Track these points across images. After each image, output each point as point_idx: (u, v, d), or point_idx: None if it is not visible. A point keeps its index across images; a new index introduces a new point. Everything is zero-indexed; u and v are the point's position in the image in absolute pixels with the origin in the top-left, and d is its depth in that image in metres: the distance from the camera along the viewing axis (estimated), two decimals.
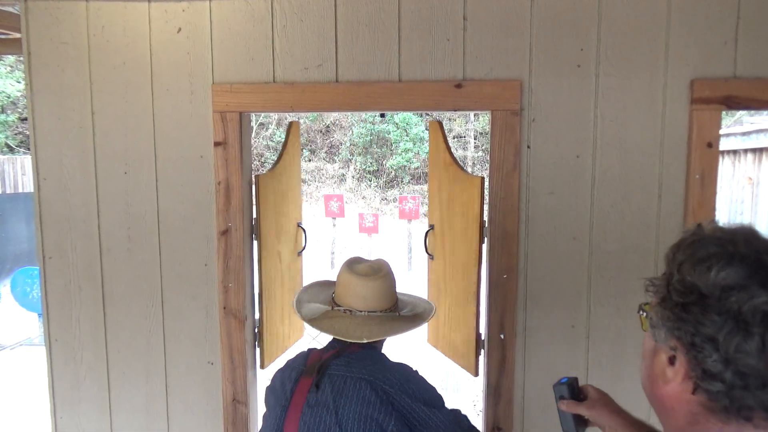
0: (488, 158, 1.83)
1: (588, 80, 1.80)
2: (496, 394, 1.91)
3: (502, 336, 1.88)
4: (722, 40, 1.76)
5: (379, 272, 1.53)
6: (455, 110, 1.85)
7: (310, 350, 1.51)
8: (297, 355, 1.51)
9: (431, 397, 1.38)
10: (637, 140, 1.81)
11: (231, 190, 1.89)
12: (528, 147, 1.83)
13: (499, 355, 1.89)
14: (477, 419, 2.47)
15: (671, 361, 0.72)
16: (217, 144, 1.88)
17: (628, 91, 1.80)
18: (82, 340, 2.03)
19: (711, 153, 1.81)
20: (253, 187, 1.99)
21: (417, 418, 1.32)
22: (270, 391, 1.48)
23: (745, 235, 0.70)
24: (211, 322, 1.97)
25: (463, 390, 4.46)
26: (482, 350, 1.97)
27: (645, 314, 0.80)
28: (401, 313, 1.54)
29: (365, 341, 1.40)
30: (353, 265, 1.55)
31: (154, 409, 2.03)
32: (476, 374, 2.03)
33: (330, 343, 1.48)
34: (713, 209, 1.84)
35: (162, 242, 1.96)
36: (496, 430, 1.92)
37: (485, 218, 1.91)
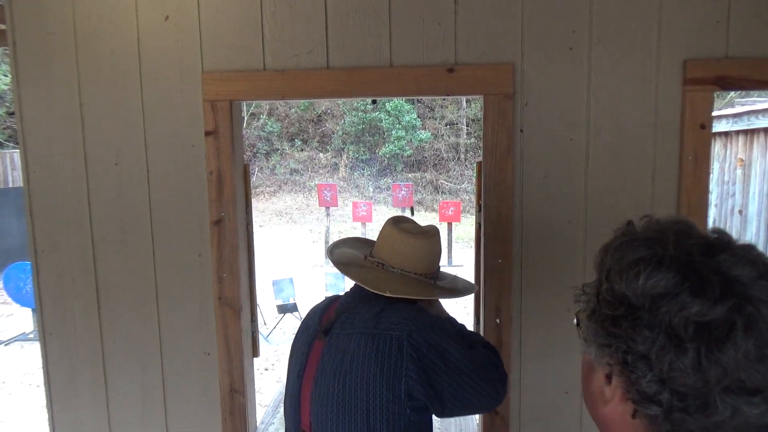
0: (481, 145, 1.82)
1: (580, 62, 1.79)
2: None
3: (497, 320, 1.89)
4: (714, 20, 1.75)
5: (426, 234, 1.41)
6: (448, 95, 1.84)
7: (333, 299, 1.42)
8: (320, 304, 1.42)
9: (454, 336, 1.26)
10: (631, 122, 1.80)
11: (223, 179, 1.88)
12: (521, 131, 1.83)
13: (494, 339, 1.90)
14: None
15: (608, 378, 0.64)
16: (208, 133, 1.86)
17: (620, 73, 1.79)
18: (76, 333, 2.02)
19: (704, 134, 1.81)
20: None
21: (439, 366, 1.19)
22: (291, 350, 1.41)
23: (677, 232, 0.62)
24: (207, 312, 1.96)
25: None
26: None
27: (579, 326, 0.70)
28: (437, 283, 1.44)
29: (387, 294, 1.28)
30: (399, 221, 1.45)
31: (151, 400, 2.03)
32: None
33: (347, 297, 1.39)
34: (706, 190, 1.84)
35: (155, 233, 1.94)
36: (493, 414, 1.93)
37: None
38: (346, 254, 1.49)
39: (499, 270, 1.87)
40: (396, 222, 1.44)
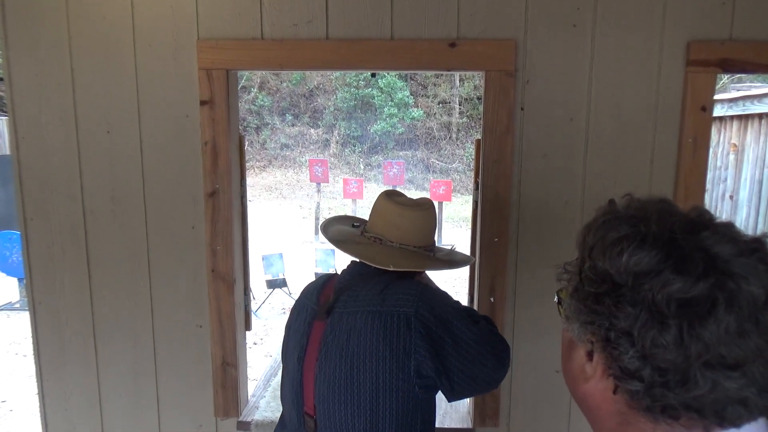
0: (473, 125, 1.79)
1: (584, 41, 1.77)
2: None
3: (492, 299, 1.89)
4: (720, 1, 1.73)
5: (421, 206, 1.40)
6: (449, 70, 1.81)
7: (330, 277, 1.40)
8: (315, 282, 1.40)
9: (459, 311, 1.25)
10: (632, 103, 1.79)
11: (218, 150, 1.84)
12: (522, 109, 1.81)
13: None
14: None
15: (590, 355, 0.65)
16: (203, 103, 1.82)
17: (623, 53, 1.77)
18: (66, 303, 1.99)
19: (705, 117, 1.80)
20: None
21: (446, 341, 1.19)
22: (287, 330, 1.39)
23: (659, 211, 0.62)
24: (200, 285, 1.94)
25: None
26: None
27: (561, 304, 0.71)
28: (435, 255, 1.43)
29: (391, 269, 1.27)
30: (393, 195, 1.43)
31: (143, 372, 2.02)
32: None
33: (345, 275, 1.36)
34: (704, 174, 1.84)
35: (147, 204, 1.91)
36: None
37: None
38: (342, 231, 1.46)
39: (495, 248, 1.86)
40: (390, 195, 1.42)
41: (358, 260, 1.36)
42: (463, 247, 2.00)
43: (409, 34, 1.78)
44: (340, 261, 7.46)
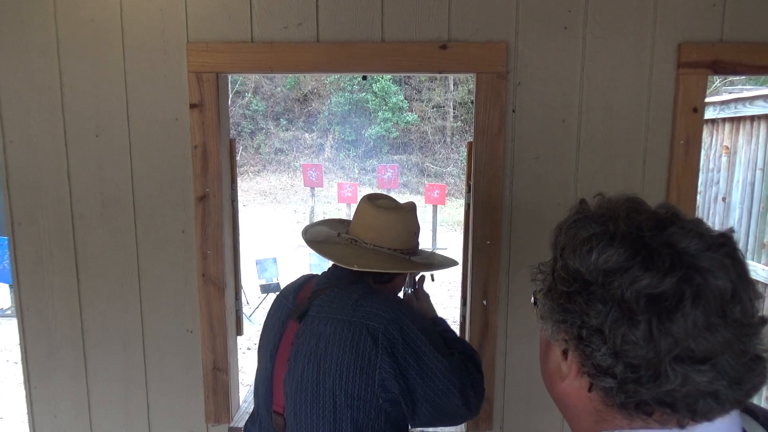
0: (467, 129, 1.79)
1: (575, 43, 1.77)
2: None
3: (484, 302, 1.88)
4: (711, 3, 1.73)
5: (400, 209, 1.39)
6: (440, 72, 1.80)
7: (307, 279, 1.40)
8: (294, 283, 1.40)
9: (432, 338, 1.22)
10: (623, 104, 1.79)
11: (208, 154, 1.83)
12: (513, 111, 1.80)
13: (481, 320, 1.89)
14: None
15: (565, 354, 0.65)
16: (192, 106, 1.81)
17: (615, 55, 1.77)
18: (55, 308, 1.97)
19: (696, 118, 1.80)
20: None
21: (411, 365, 1.17)
22: (263, 329, 1.39)
23: (628, 209, 0.63)
24: (190, 289, 1.92)
25: None
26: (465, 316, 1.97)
27: (536, 303, 0.72)
28: (412, 258, 1.40)
29: (356, 269, 1.26)
30: (375, 198, 1.41)
31: (133, 378, 1.99)
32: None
33: (323, 278, 1.36)
34: (696, 175, 1.84)
35: (137, 208, 1.89)
36: None
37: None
38: (321, 232, 1.46)
39: (488, 251, 1.85)
40: (371, 198, 1.41)
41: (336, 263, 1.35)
42: (456, 251, 1.99)
43: (400, 37, 1.77)
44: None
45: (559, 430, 1.94)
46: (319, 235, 1.43)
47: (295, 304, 1.34)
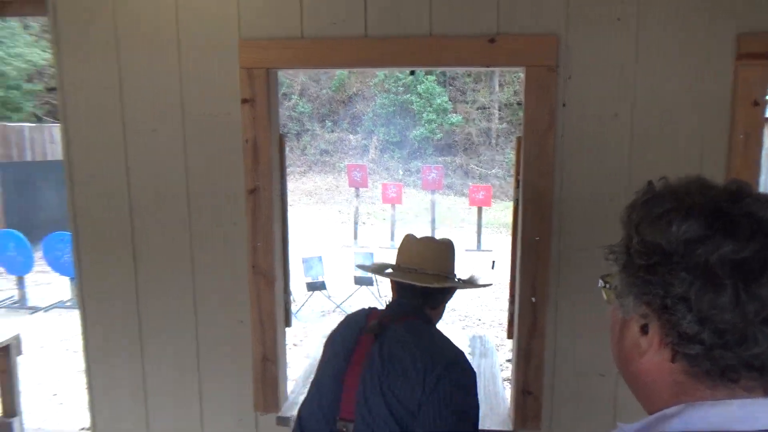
0: (513, 130, 1.79)
1: (628, 34, 1.72)
2: (527, 358, 1.89)
3: (533, 299, 1.85)
4: None
5: (437, 240, 1.60)
6: (488, 66, 1.79)
7: (371, 309, 1.54)
8: (357, 312, 1.55)
9: (468, 406, 1.34)
10: (679, 98, 1.73)
11: (259, 148, 1.87)
12: (564, 105, 1.77)
13: (530, 318, 1.87)
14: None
15: (644, 330, 0.66)
16: (244, 101, 1.86)
17: (670, 46, 1.72)
18: (114, 297, 2.05)
19: (756, 112, 1.73)
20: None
21: (440, 396, 1.29)
22: (329, 342, 1.52)
23: (699, 185, 0.65)
24: (241, 281, 1.97)
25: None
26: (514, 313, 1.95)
27: (607, 285, 0.74)
28: (453, 278, 1.58)
29: (436, 285, 1.46)
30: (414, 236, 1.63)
31: (186, 366, 2.06)
32: (510, 336, 2.02)
33: (389, 308, 1.51)
34: (758, 170, 1.77)
35: (191, 200, 1.95)
36: (525, 394, 1.91)
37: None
38: (378, 265, 1.64)
39: (536, 248, 1.83)
40: (410, 236, 1.63)
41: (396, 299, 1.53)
42: (502, 253, 1.98)
43: (448, 31, 1.77)
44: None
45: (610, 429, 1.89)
46: (381, 267, 1.63)
47: (368, 324, 1.45)
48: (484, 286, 1.63)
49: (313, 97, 18.34)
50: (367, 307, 1.57)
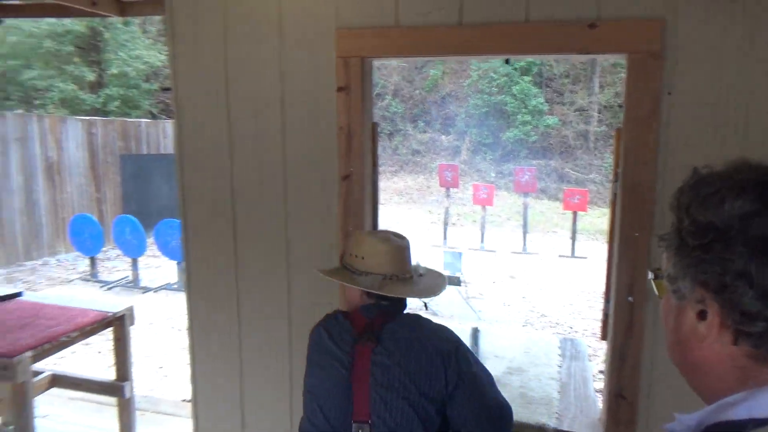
0: (613, 134, 1.71)
1: (743, 16, 1.60)
2: (621, 359, 1.80)
3: (630, 298, 1.76)
4: None
5: (393, 238, 1.55)
6: (587, 53, 1.73)
7: (344, 314, 1.51)
8: (334, 318, 1.52)
9: (485, 370, 1.45)
10: None
11: (352, 135, 1.92)
12: (669, 93, 1.67)
13: (626, 318, 1.78)
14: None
15: (701, 315, 0.64)
16: (339, 89, 1.91)
17: None
18: (216, 283, 2.18)
19: None
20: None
21: (468, 377, 1.39)
22: (316, 348, 1.50)
23: (747, 165, 0.65)
24: (333, 264, 2.02)
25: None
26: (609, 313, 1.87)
27: (657, 277, 0.73)
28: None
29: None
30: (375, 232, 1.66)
31: (278, 348, 2.15)
32: (603, 338, 1.93)
33: (370, 310, 1.48)
34: None
35: (288, 184, 2.04)
36: (618, 398, 1.82)
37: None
38: (369, 280, 1.57)
39: (635, 244, 1.74)
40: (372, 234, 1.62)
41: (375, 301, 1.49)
42: (597, 261, 1.90)
43: (546, 16, 1.73)
44: (467, 265, 7.40)
45: None
46: (372, 282, 1.53)
47: (357, 333, 1.44)
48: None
49: (406, 97, 18.46)
50: (335, 313, 1.54)
